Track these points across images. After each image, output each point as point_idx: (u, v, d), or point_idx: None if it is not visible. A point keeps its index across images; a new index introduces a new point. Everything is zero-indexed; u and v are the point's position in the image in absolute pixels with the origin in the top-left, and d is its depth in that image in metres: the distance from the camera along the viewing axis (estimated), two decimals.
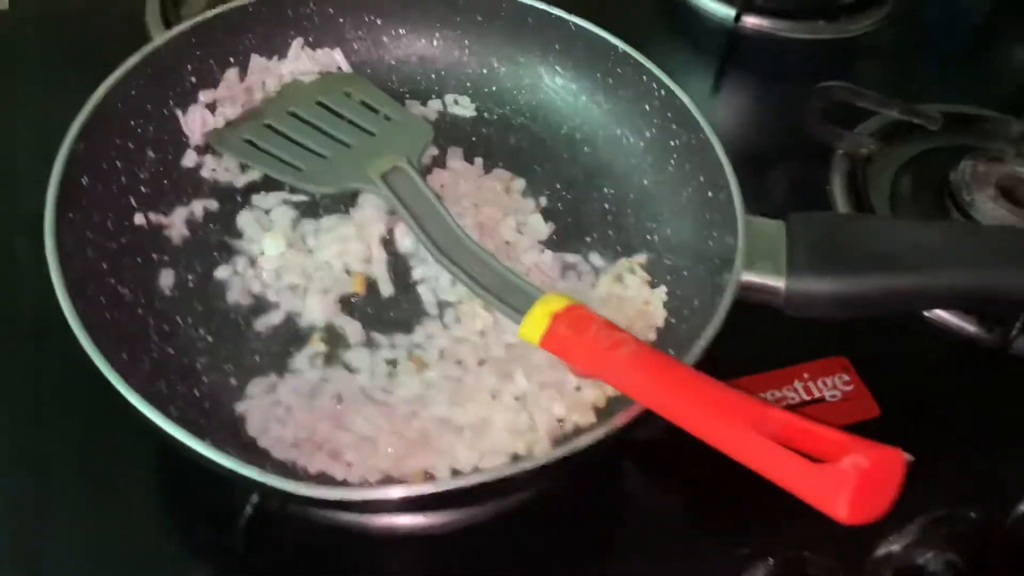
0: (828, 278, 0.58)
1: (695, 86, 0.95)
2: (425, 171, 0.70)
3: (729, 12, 1.00)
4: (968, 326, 0.72)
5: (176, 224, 0.65)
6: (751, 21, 1.00)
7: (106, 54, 0.77)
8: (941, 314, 0.73)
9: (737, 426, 0.45)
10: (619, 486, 0.65)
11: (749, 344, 0.65)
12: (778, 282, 0.59)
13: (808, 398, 0.70)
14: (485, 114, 0.76)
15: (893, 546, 0.63)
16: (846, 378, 0.71)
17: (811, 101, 0.87)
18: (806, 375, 0.71)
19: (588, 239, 0.69)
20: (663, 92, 0.70)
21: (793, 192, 0.87)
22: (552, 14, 0.73)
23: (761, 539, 0.61)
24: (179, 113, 0.69)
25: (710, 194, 0.65)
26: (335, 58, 0.75)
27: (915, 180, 0.86)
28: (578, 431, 0.57)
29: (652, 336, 0.63)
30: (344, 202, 0.68)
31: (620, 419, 0.51)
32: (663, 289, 0.65)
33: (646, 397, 0.50)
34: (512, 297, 0.57)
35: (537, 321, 0.54)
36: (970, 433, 0.69)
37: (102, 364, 0.50)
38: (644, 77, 0.70)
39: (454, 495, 0.51)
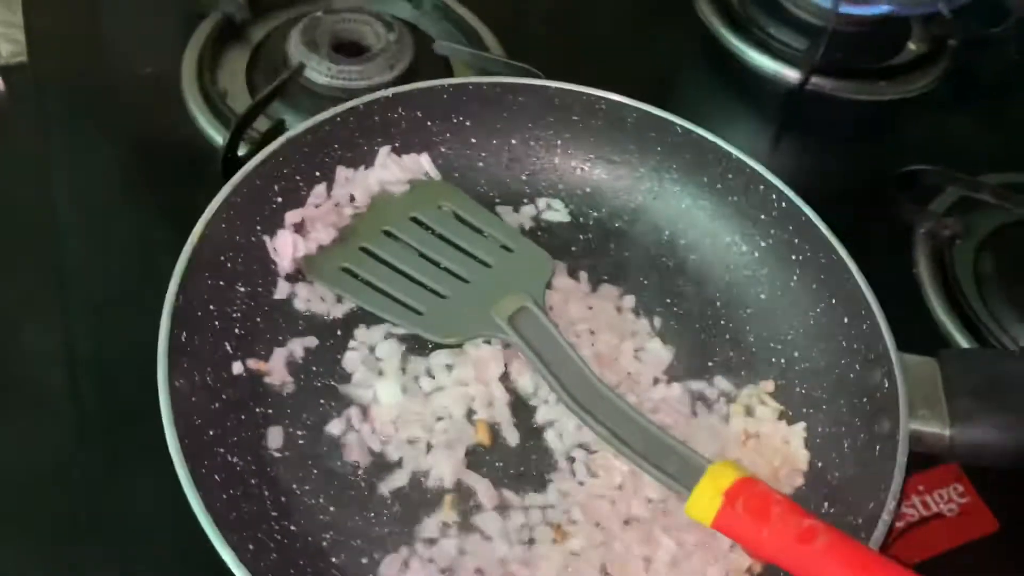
0: (996, 427, 0.55)
1: (757, 147, 0.92)
2: None
3: (782, 70, 0.96)
4: None
5: (276, 369, 0.60)
6: (812, 81, 0.96)
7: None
8: None
9: None
10: None
11: None
12: (943, 431, 0.56)
13: (927, 513, 0.67)
14: (581, 219, 0.72)
15: None
16: (960, 488, 0.69)
17: (896, 182, 0.84)
18: (921, 487, 0.68)
19: (710, 363, 0.65)
20: (783, 204, 0.66)
21: (876, 274, 0.84)
22: (655, 115, 0.69)
23: None
24: (267, 239, 0.63)
25: (846, 320, 0.62)
26: (423, 163, 0.69)
27: (997, 261, 0.83)
28: None
29: (799, 481, 0.59)
30: None
31: None
32: (802, 425, 0.61)
33: None
34: (668, 462, 0.53)
35: (708, 499, 0.50)
36: None
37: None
38: (762, 187, 0.67)
39: None
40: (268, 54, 0.85)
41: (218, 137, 0.75)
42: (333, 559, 0.54)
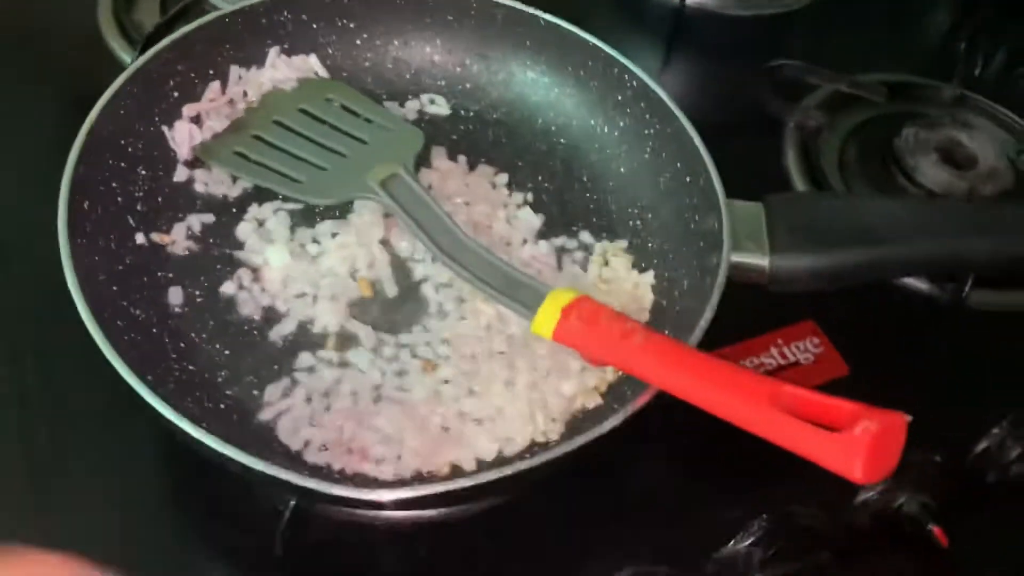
0: (809, 255, 0.63)
1: (645, 65, 1.00)
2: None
3: None
4: (923, 285, 0.78)
5: (177, 240, 0.66)
6: (694, 1, 1.04)
7: (65, 65, 0.78)
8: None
9: (755, 403, 0.49)
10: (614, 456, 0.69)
11: (726, 317, 0.69)
12: (763, 261, 0.63)
13: (784, 362, 0.75)
14: (462, 111, 0.79)
15: (870, 493, 0.68)
16: (816, 341, 0.76)
17: (762, 78, 0.91)
18: (780, 341, 0.76)
19: (574, 228, 0.73)
20: (635, 83, 0.73)
21: (750, 166, 0.91)
22: (522, 11, 0.76)
23: (752, 500, 0.66)
24: (165, 129, 0.69)
25: (688, 179, 0.69)
26: (311, 64, 0.76)
27: (861, 148, 0.91)
28: (587, 413, 0.61)
29: (645, 317, 0.67)
30: (339, 208, 0.70)
31: (637, 402, 0.55)
32: (651, 273, 0.69)
33: (663, 381, 0.54)
34: (520, 293, 0.61)
35: (549, 316, 0.57)
36: (931, 384, 0.75)
37: (143, 390, 0.52)
38: (615, 70, 0.74)
39: (488, 487, 0.54)
40: None
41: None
42: (227, 391, 0.60)
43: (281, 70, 0.74)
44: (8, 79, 0.84)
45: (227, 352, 0.62)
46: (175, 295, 0.64)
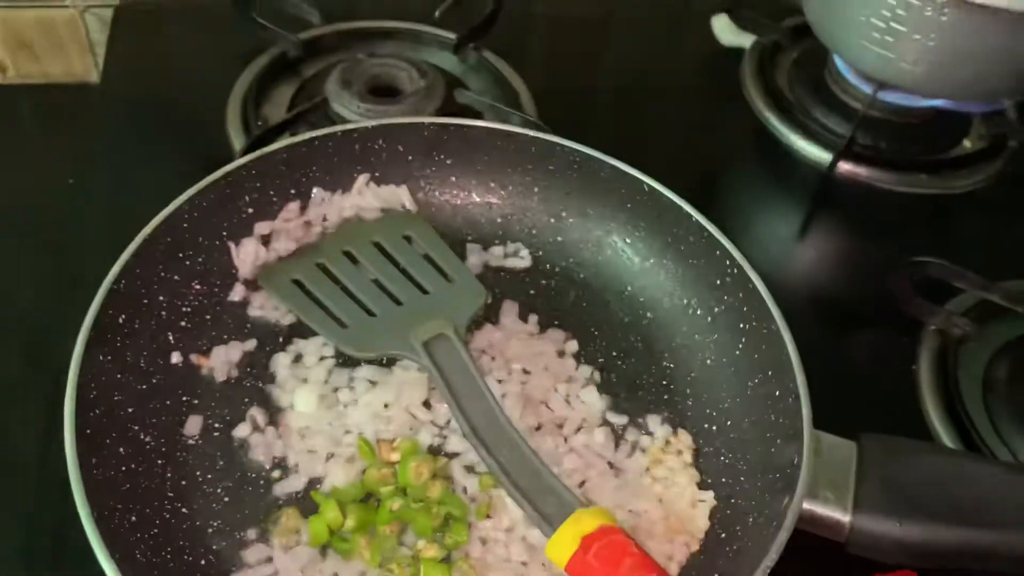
0: (899, 522, 0.52)
1: (780, 230, 0.91)
2: (474, 325, 0.67)
3: (824, 155, 0.94)
4: None
5: (215, 364, 0.63)
6: (847, 168, 0.94)
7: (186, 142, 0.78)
8: None
9: None
10: None
11: (813, 548, 0.58)
12: (843, 517, 0.53)
13: None
14: (546, 266, 0.73)
15: None
16: None
17: (903, 271, 0.80)
18: None
19: (640, 420, 0.64)
20: (736, 271, 0.65)
21: (874, 367, 0.80)
22: (625, 172, 0.69)
23: None
24: (232, 245, 0.67)
25: (777, 393, 0.60)
26: (400, 195, 0.72)
27: (1012, 368, 0.78)
28: None
29: (695, 547, 0.57)
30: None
31: None
32: (712, 494, 0.59)
33: None
34: (545, 501, 0.53)
35: (565, 543, 0.49)
36: None
37: (96, 541, 0.48)
38: (717, 252, 0.66)
39: None
40: (312, 90, 0.91)
41: None
42: (213, 545, 0.56)
43: (367, 198, 0.71)
44: (128, 143, 0.85)
45: (226, 499, 0.58)
46: (194, 425, 0.60)
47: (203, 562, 0.55)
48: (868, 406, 0.73)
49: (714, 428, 0.63)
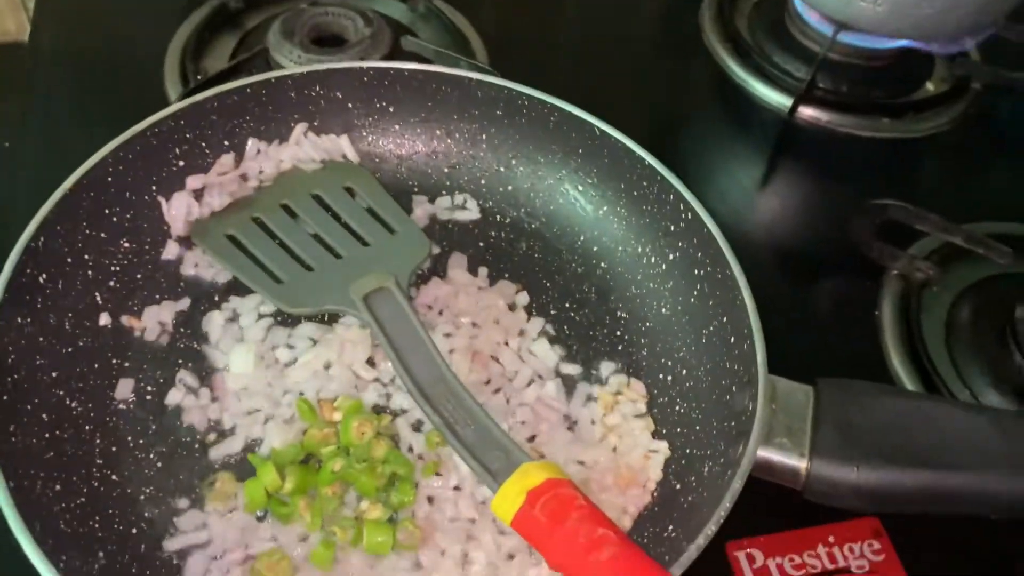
0: (857, 468, 0.50)
1: (741, 177, 0.88)
2: (419, 279, 0.64)
3: (785, 101, 0.92)
4: None
5: (146, 326, 0.60)
6: (808, 113, 0.92)
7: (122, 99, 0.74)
8: None
9: None
10: None
11: (771, 495, 0.57)
12: (798, 463, 0.51)
13: (831, 567, 0.61)
14: (497, 216, 0.70)
15: None
16: (876, 545, 0.62)
17: (865, 216, 0.78)
18: (831, 538, 0.62)
19: (593, 371, 0.62)
20: (689, 215, 0.62)
21: (836, 312, 0.78)
22: (576, 116, 0.66)
23: None
24: (162, 200, 0.64)
25: (732, 339, 0.58)
26: (341, 145, 0.69)
27: (975, 312, 0.76)
28: None
29: (647, 499, 0.56)
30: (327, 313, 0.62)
31: None
32: (665, 444, 0.58)
33: None
34: (490, 456, 0.51)
35: (511, 498, 0.47)
36: None
37: (10, 512, 0.45)
38: (671, 196, 0.63)
39: None
40: (253, 42, 0.87)
41: None
42: (145, 512, 0.53)
43: (306, 149, 0.68)
44: (57, 99, 0.81)
45: (159, 465, 0.55)
46: (124, 388, 0.57)
47: (134, 530, 0.52)
48: (830, 353, 0.72)
49: (668, 378, 0.61)
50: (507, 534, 0.53)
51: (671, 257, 0.64)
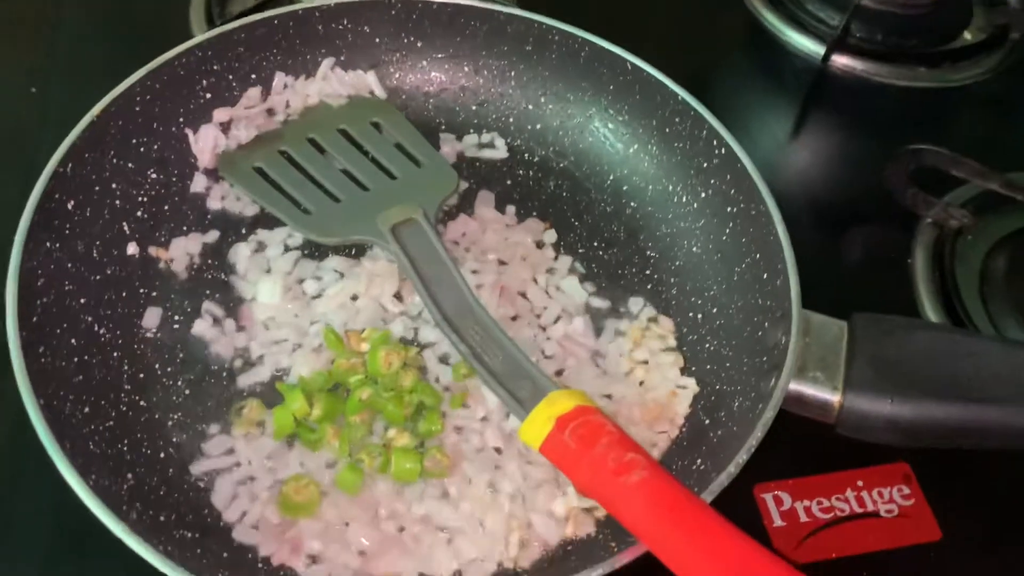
0: (889, 400, 0.49)
1: (774, 126, 0.87)
2: (447, 216, 0.63)
3: (818, 49, 0.90)
4: None
5: (174, 256, 0.60)
6: (842, 61, 0.90)
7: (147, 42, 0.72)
8: None
9: None
10: None
11: (800, 439, 0.56)
12: (831, 397, 0.50)
13: (860, 511, 0.61)
14: (526, 154, 0.69)
15: None
16: (906, 490, 0.62)
17: (899, 162, 0.77)
18: (860, 483, 0.62)
19: (622, 309, 0.61)
20: (723, 151, 0.61)
21: (868, 261, 0.77)
22: (607, 50, 0.65)
23: None
24: (189, 133, 0.63)
25: (765, 276, 0.57)
26: (368, 81, 0.68)
27: (1011, 262, 0.75)
28: (574, 545, 0.50)
29: (675, 433, 0.55)
30: (356, 245, 0.61)
31: (624, 557, 0.44)
32: (693, 381, 0.57)
33: (651, 540, 0.42)
34: (518, 385, 0.50)
35: (540, 424, 0.47)
36: None
37: (42, 429, 0.45)
38: (704, 132, 0.62)
39: None
40: None
41: None
42: (173, 438, 0.53)
43: (332, 84, 0.67)
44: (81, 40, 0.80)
45: (187, 392, 0.55)
46: (152, 317, 0.57)
47: (162, 454, 0.52)
48: (862, 299, 0.69)
49: (699, 316, 0.60)
50: (534, 463, 0.52)
51: (703, 195, 0.63)
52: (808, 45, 0.90)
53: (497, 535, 0.49)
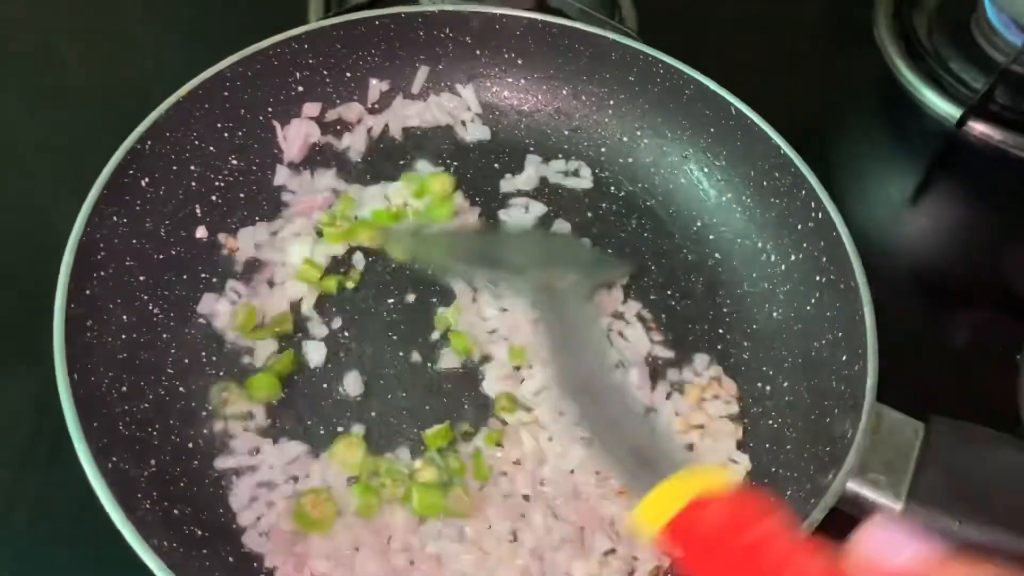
0: (959, 522, 0.44)
1: (891, 189, 0.81)
2: None
3: (955, 112, 0.83)
4: None
5: (240, 246, 0.60)
6: (979, 128, 0.83)
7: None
8: None
9: None
10: None
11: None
12: (893, 505, 0.45)
13: None
14: (612, 187, 0.66)
15: None
16: None
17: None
18: None
19: (684, 370, 0.58)
20: (820, 215, 0.57)
21: (970, 350, 0.71)
22: (713, 91, 0.62)
23: None
24: (277, 125, 0.63)
25: (844, 358, 0.52)
26: (466, 101, 0.67)
27: None
28: None
29: None
30: None
31: None
32: (747, 458, 0.53)
33: None
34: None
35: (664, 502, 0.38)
36: None
37: (67, 403, 0.45)
38: (803, 191, 0.58)
39: None
40: None
41: None
42: (204, 429, 0.53)
43: (432, 109, 0.66)
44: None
45: (221, 374, 0.54)
46: (208, 303, 0.57)
47: (190, 444, 0.52)
48: (953, 393, 0.64)
49: (767, 388, 0.56)
50: (560, 519, 0.50)
51: (792, 258, 0.59)
52: (943, 106, 0.84)
53: None
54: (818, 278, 0.57)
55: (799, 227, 0.59)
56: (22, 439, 0.54)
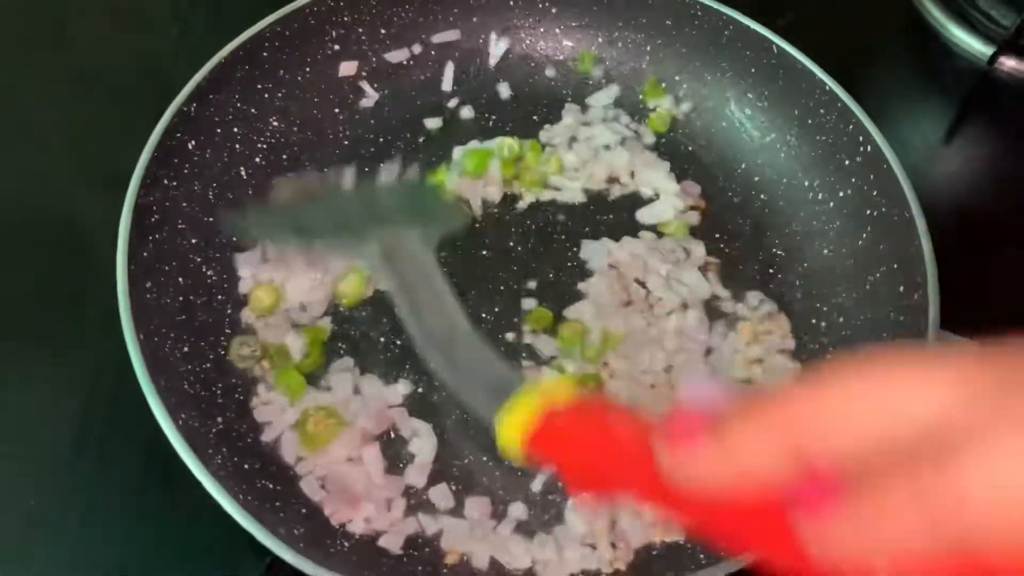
0: None
1: (926, 129, 0.80)
2: None
3: (986, 50, 0.82)
4: None
5: None
6: (1010, 64, 0.82)
7: None
8: None
9: None
10: None
11: None
12: None
13: None
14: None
15: None
16: None
17: None
18: None
19: (740, 304, 0.58)
20: (869, 148, 0.56)
21: (1017, 286, 0.70)
22: (753, 31, 0.61)
23: None
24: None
25: (902, 289, 0.52)
26: (498, 48, 0.66)
27: None
28: (660, 550, 0.48)
29: None
30: None
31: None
32: None
33: None
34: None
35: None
36: None
37: (137, 362, 0.45)
38: (851, 126, 0.57)
39: None
40: None
41: None
42: (260, 392, 0.53)
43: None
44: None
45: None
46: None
47: (252, 403, 0.52)
48: (1008, 325, 0.64)
49: (822, 325, 0.56)
50: None
51: (841, 194, 0.59)
52: (974, 44, 0.83)
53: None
54: (869, 212, 0.56)
55: (847, 162, 0.58)
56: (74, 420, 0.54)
